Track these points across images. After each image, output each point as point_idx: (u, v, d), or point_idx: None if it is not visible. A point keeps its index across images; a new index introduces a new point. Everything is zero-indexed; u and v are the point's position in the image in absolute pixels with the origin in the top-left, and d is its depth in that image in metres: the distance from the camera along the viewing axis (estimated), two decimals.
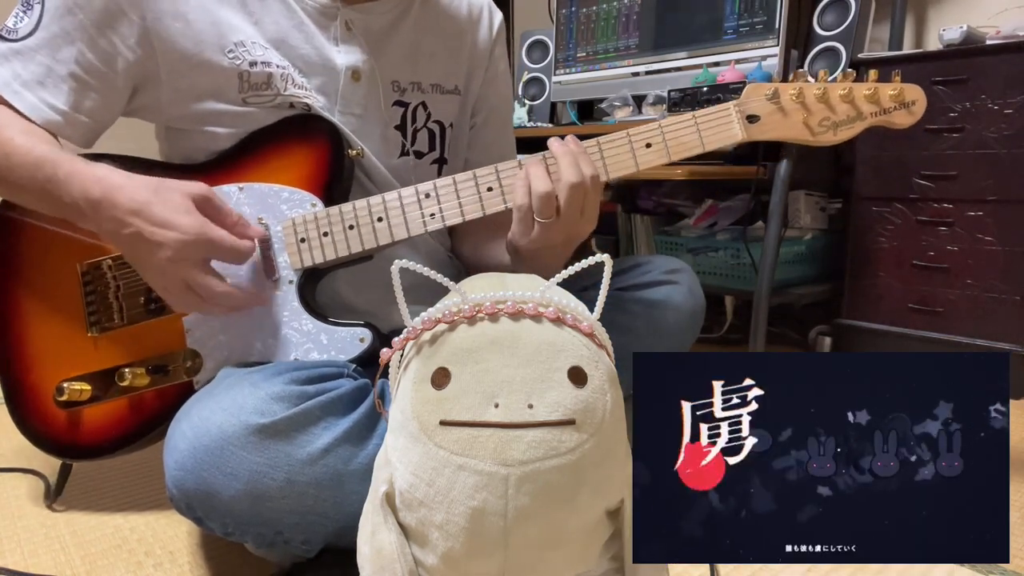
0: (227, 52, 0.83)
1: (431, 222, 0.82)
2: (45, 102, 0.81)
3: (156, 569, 0.86)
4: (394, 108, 0.94)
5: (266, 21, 0.85)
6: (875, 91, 0.80)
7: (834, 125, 0.81)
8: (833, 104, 0.81)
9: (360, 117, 0.90)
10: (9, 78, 0.80)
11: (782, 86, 0.81)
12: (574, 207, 0.77)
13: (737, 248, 1.77)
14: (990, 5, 1.78)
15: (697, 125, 0.81)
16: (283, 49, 0.85)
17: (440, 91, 0.98)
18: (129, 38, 0.82)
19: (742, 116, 0.82)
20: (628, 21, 1.95)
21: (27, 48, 0.81)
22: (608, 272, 0.58)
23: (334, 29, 0.88)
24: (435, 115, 0.98)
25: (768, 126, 0.82)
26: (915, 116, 0.82)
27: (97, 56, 0.82)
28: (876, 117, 0.81)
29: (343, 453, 0.69)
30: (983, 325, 1.53)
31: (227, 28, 0.83)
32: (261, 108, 0.85)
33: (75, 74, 0.81)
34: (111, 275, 0.87)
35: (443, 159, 1.00)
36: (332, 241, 0.82)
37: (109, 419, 0.87)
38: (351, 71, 0.88)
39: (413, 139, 0.96)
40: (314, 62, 0.87)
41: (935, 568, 0.84)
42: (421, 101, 0.96)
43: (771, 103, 0.81)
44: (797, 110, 0.81)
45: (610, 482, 0.54)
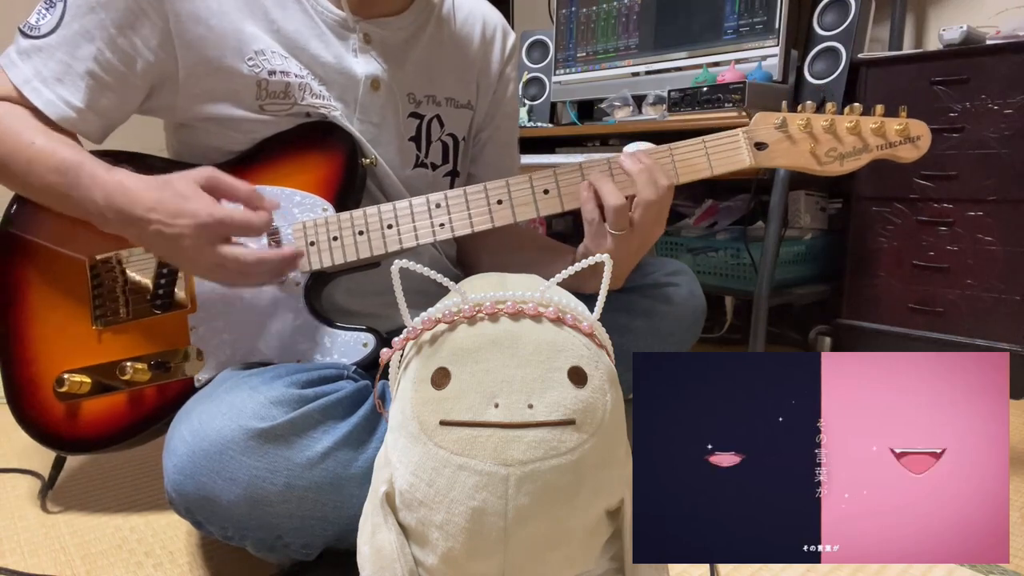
0: (247, 60, 0.84)
1: (440, 232, 0.83)
2: (62, 98, 0.81)
3: (156, 569, 0.86)
4: (410, 120, 0.95)
5: (286, 30, 0.86)
6: (881, 125, 0.82)
7: (840, 156, 0.83)
8: (840, 135, 0.82)
9: (378, 126, 0.91)
10: (30, 75, 0.81)
11: (790, 116, 0.83)
12: (649, 219, 0.79)
13: (737, 248, 1.77)
14: (990, 5, 1.78)
15: (706, 149, 0.83)
16: (302, 58, 0.86)
17: (454, 105, 0.99)
18: (151, 40, 0.82)
19: (750, 143, 0.83)
20: (628, 21, 1.95)
21: (48, 45, 0.81)
22: (608, 272, 0.58)
23: (353, 41, 0.89)
24: (449, 128, 0.99)
25: (776, 154, 0.83)
26: (920, 151, 0.83)
27: (116, 56, 0.82)
28: (881, 150, 0.83)
29: (343, 457, 0.69)
30: (983, 325, 1.53)
31: (248, 36, 0.84)
32: (277, 116, 0.86)
33: (93, 72, 0.82)
34: (119, 269, 0.87)
35: (455, 172, 1.01)
36: (341, 245, 0.82)
37: (108, 413, 0.87)
38: (371, 80, 0.89)
39: (427, 151, 0.97)
40: (333, 70, 0.88)
41: (935, 568, 0.84)
42: (436, 114, 0.97)
43: (779, 131, 0.83)
44: (805, 139, 0.83)
45: (610, 482, 0.54)
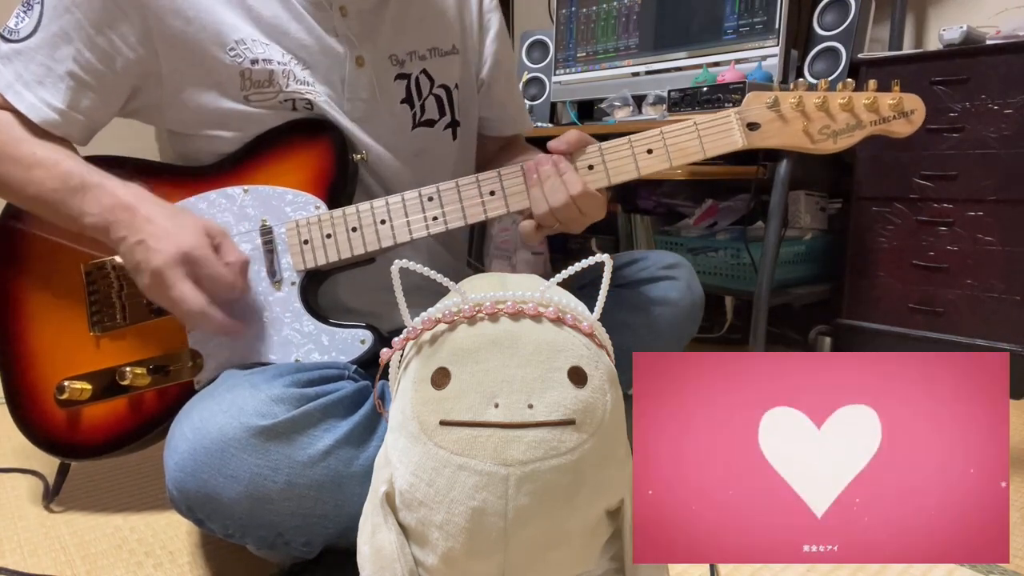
0: (228, 50, 0.83)
1: (434, 225, 0.82)
2: (44, 101, 0.81)
3: (156, 569, 0.86)
4: (397, 83, 0.93)
5: (265, 16, 0.85)
6: (874, 100, 0.81)
7: (834, 134, 0.82)
8: (833, 112, 0.81)
9: (367, 101, 0.90)
10: (12, 79, 0.81)
11: (782, 94, 0.82)
12: (570, 216, 0.82)
13: (737, 248, 1.77)
14: (990, 5, 1.78)
15: (699, 131, 0.82)
16: (284, 42, 0.86)
17: (438, 54, 0.97)
18: (129, 36, 0.82)
19: (743, 123, 0.82)
20: (628, 21, 1.95)
21: (28, 48, 0.81)
22: (608, 272, 0.58)
23: (330, 18, 0.88)
24: (439, 79, 0.97)
25: (768, 133, 0.83)
26: (914, 125, 0.82)
27: (95, 55, 0.82)
28: (875, 126, 0.82)
29: (344, 455, 0.69)
30: (983, 325, 1.53)
31: (227, 27, 0.83)
32: (263, 107, 0.85)
33: (73, 73, 0.82)
34: (115, 275, 0.87)
35: (455, 122, 1.00)
36: (335, 243, 0.82)
37: (109, 419, 0.87)
38: (355, 57, 0.89)
39: (422, 109, 0.96)
40: (316, 52, 0.87)
41: (935, 568, 0.84)
42: (422, 69, 0.96)
43: (771, 111, 0.82)
44: (797, 118, 0.82)
45: (610, 482, 0.54)
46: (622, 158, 0.83)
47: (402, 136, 0.93)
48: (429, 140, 0.96)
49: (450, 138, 0.99)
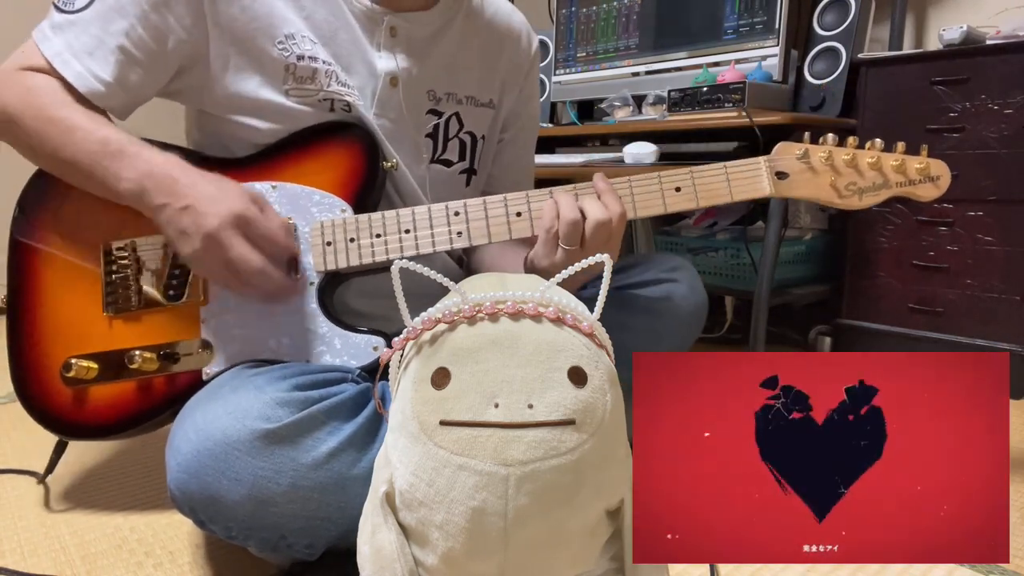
0: (277, 43, 0.85)
1: (457, 240, 0.83)
2: (91, 71, 0.82)
3: (156, 569, 0.86)
4: (428, 116, 0.95)
5: (317, 17, 0.87)
6: (902, 162, 0.82)
7: (860, 191, 0.83)
8: (861, 169, 0.82)
9: (394, 122, 0.91)
10: (61, 47, 0.82)
11: (812, 147, 0.83)
12: (599, 240, 0.80)
13: (737, 248, 1.77)
14: (990, 5, 1.78)
15: (727, 175, 0.83)
16: (331, 46, 0.87)
17: (475, 103, 0.99)
18: (184, 18, 0.83)
19: (772, 171, 0.83)
20: (628, 21, 1.95)
21: (82, 20, 0.82)
22: (608, 272, 0.58)
23: (378, 34, 0.89)
24: (468, 126, 0.99)
25: (796, 184, 0.83)
26: (940, 190, 0.83)
27: (148, 32, 0.83)
28: (901, 187, 0.83)
29: (347, 457, 0.69)
30: (983, 325, 1.53)
31: (279, 19, 0.85)
32: (302, 103, 0.86)
33: (124, 47, 0.82)
34: (133, 257, 0.87)
35: (472, 170, 1.01)
36: (358, 247, 0.82)
37: (114, 400, 0.86)
38: (390, 77, 0.90)
39: (444, 148, 0.97)
40: (356, 63, 0.88)
41: (935, 568, 0.84)
42: (455, 112, 0.97)
43: (801, 162, 0.83)
44: (826, 172, 0.83)
45: (610, 482, 0.54)
46: (650, 194, 0.84)
47: (418, 166, 0.94)
48: (442, 178, 0.97)
49: (463, 184, 1.00)
